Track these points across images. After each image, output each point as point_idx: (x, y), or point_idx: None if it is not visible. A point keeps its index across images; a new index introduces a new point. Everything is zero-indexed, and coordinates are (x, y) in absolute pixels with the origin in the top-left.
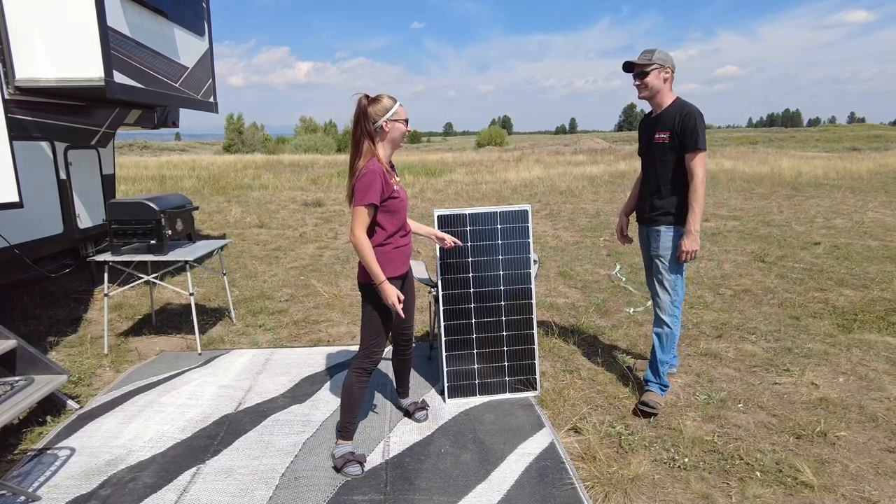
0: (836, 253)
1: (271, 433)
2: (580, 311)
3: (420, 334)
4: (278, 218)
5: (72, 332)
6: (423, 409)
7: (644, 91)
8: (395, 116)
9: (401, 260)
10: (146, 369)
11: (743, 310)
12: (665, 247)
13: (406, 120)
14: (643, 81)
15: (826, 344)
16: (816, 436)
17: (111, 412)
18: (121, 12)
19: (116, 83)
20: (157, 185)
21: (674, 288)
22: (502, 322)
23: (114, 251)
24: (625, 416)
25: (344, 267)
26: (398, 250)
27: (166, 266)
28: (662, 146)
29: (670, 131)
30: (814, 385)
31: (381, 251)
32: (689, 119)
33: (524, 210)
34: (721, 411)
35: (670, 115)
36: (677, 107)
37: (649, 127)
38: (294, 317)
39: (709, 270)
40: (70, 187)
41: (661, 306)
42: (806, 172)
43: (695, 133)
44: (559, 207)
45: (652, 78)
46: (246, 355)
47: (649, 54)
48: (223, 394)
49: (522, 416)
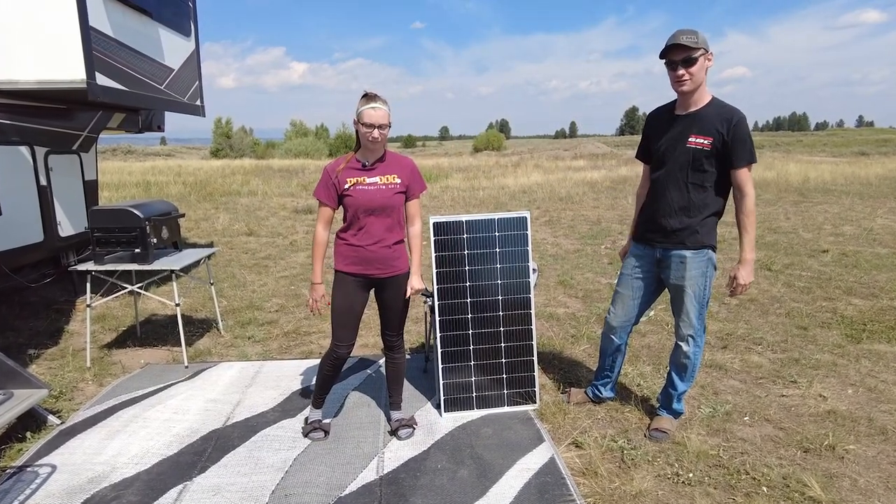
0: (844, 261)
1: (261, 449)
2: (581, 322)
3: (415, 346)
4: (268, 225)
5: (53, 344)
6: (407, 427)
7: (688, 83)
8: (359, 118)
9: (351, 257)
10: (130, 383)
11: (749, 319)
12: (693, 275)
13: (367, 124)
14: (689, 70)
15: (834, 355)
16: (825, 449)
17: (94, 428)
18: (103, 11)
19: (99, 85)
20: (142, 192)
21: (700, 318)
22: (500, 333)
23: (96, 260)
24: (627, 429)
25: None
26: (349, 248)
27: (151, 275)
28: (698, 153)
29: (713, 137)
30: (822, 397)
31: (336, 242)
32: (741, 127)
33: (523, 217)
34: (726, 424)
35: (711, 117)
36: (720, 108)
37: (676, 126)
38: (284, 328)
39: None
40: (51, 193)
41: (685, 337)
42: (813, 178)
43: (747, 144)
44: (559, 214)
45: (699, 66)
46: (234, 368)
47: (694, 36)
48: (211, 408)
49: (521, 430)
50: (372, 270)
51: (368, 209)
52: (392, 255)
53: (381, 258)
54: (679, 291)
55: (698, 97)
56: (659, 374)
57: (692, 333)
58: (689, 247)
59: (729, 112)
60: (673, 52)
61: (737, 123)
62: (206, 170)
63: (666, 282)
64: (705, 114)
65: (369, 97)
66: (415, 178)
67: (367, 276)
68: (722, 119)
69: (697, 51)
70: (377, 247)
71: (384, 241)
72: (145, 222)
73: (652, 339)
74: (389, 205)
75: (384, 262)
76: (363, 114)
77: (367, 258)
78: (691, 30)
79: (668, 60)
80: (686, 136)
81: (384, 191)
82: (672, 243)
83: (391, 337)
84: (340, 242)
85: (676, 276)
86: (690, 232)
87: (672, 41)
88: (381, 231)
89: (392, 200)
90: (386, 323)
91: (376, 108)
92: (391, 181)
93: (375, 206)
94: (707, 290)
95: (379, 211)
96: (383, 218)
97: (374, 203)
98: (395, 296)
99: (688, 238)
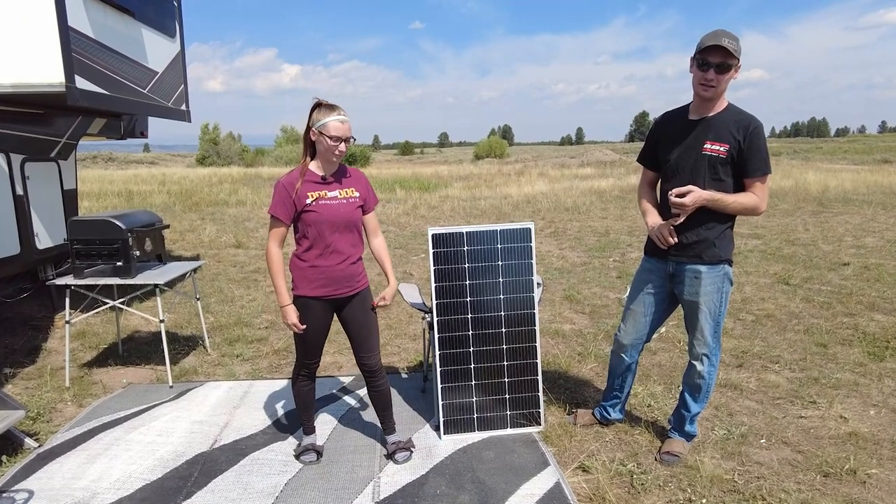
0: (866, 274)
1: (250, 473)
2: (588, 339)
3: (413, 364)
4: (257, 237)
5: (30, 362)
6: (404, 451)
7: (713, 90)
8: (323, 129)
9: (319, 280)
10: (112, 403)
11: (765, 337)
12: (708, 291)
13: (336, 137)
14: (719, 76)
15: (856, 374)
16: (845, 474)
17: (73, 451)
18: (83, 11)
19: (78, 89)
20: (124, 201)
21: (715, 335)
22: (503, 351)
23: (76, 274)
24: (637, 453)
25: None
26: (314, 270)
27: (134, 290)
28: (715, 160)
29: (729, 144)
30: (842, 418)
31: (294, 264)
32: (758, 136)
33: (527, 228)
34: (742, 447)
35: (726, 123)
36: (736, 115)
37: (689, 131)
38: (275, 345)
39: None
40: (27, 203)
41: (699, 356)
42: (833, 186)
43: (762, 153)
44: (565, 225)
45: (729, 76)
46: (222, 388)
47: (736, 42)
48: (197, 430)
49: (525, 453)
50: (340, 290)
51: (334, 225)
52: (357, 272)
53: (348, 276)
54: (693, 308)
55: (715, 104)
56: (670, 395)
57: (707, 352)
58: (706, 261)
59: (746, 119)
60: (711, 52)
61: (753, 131)
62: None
63: (679, 297)
64: (721, 119)
65: (332, 107)
66: (370, 191)
67: (334, 297)
68: (739, 126)
69: (735, 60)
70: (345, 265)
71: (351, 257)
72: (128, 234)
73: (663, 357)
74: (353, 219)
75: (351, 280)
76: (329, 125)
77: (334, 278)
78: (734, 34)
79: (702, 59)
80: (701, 142)
81: (346, 205)
82: (688, 257)
83: (369, 359)
84: (302, 265)
85: (690, 292)
86: (707, 245)
87: (714, 41)
88: (347, 248)
89: (355, 215)
90: (360, 343)
91: (344, 120)
92: (351, 195)
93: (341, 221)
94: (723, 307)
95: (343, 227)
96: (347, 234)
97: (340, 218)
98: (363, 310)
99: (705, 252)
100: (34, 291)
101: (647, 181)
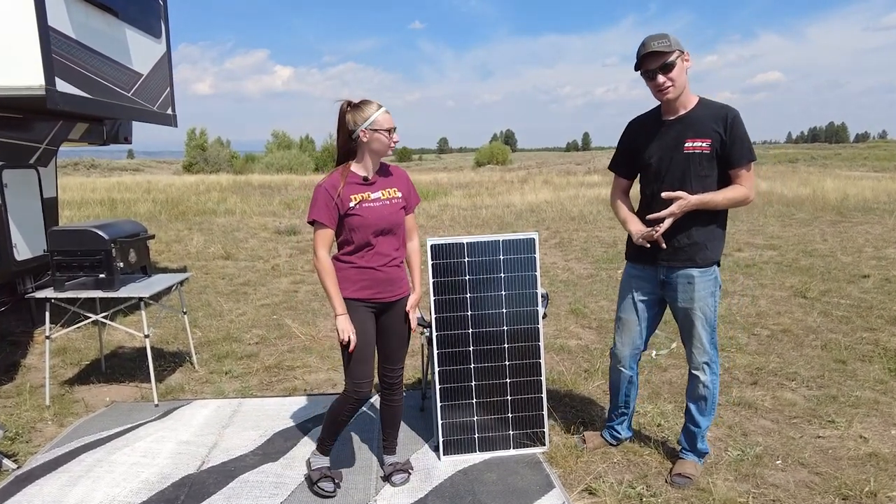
0: (887, 287)
1: (239, 496)
2: (595, 355)
3: (411, 382)
4: (247, 248)
5: (7, 380)
6: (402, 472)
7: (671, 90)
8: (374, 126)
9: (363, 282)
10: (94, 423)
11: (781, 352)
12: (702, 296)
13: (389, 129)
14: (668, 76)
15: (876, 391)
16: (865, 496)
17: (54, 473)
18: (64, 10)
19: (59, 92)
20: (107, 210)
21: (712, 342)
22: (505, 367)
23: (56, 286)
24: (646, 474)
25: (323, 304)
26: (359, 270)
27: (117, 304)
28: (699, 157)
29: (711, 139)
30: (862, 438)
31: (338, 266)
32: (738, 124)
33: (530, 238)
34: (756, 469)
35: (704, 117)
36: (712, 108)
37: (666, 132)
38: (265, 362)
39: (743, 307)
40: (5, 213)
41: (699, 365)
42: (853, 195)
43: (745, 142)
44: (570, 235)
45: (679, 70)
46: (210, 406)
47: (665, 39)
48: (184, 451)
49: (529, 475)
50: (383, 294)
51: (379, 228)
52: (400, 275)
53: (392, 279)
54: (688, 315)
55: (685, 100)
56: (681, 413)
57: (707, 360)
58: (699, 264)
59: (723, 110)
60: (647, 61)
61: (733, 120)
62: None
63: (671, 305)
64: (697, 115)
65: (366, 102)
66: (412, 190)
67: (377, 301)
68: (717, 118)
69: (672, 54)
70: (389, 266)
71: (395, 259)
72: (111, 244)
73: (673, 373)
74: (397, 221)
75: (394, 283)
76: (379, 120)
77: (378, 280)
78: (661, 34)
79: (644, 71)
80: (682, 141)
81: (390, 206)
82: (680, 261)
83: (392, 372)
84: (345, 266)
85: (684, 299)
86: (699, 248)
87: (644, 50)
88: (390, 250)
89: (399, 216)
90: (388, 355)
91: (386, 109)
92: (393, 195)
93: (386, 223)
94: (716, 311)
95: (388, 229)
96: (391, 237)
97: (384, 221)
98: (400, 321)
99: (697, 254)
100: (12, 305)
101: (620, 188)
